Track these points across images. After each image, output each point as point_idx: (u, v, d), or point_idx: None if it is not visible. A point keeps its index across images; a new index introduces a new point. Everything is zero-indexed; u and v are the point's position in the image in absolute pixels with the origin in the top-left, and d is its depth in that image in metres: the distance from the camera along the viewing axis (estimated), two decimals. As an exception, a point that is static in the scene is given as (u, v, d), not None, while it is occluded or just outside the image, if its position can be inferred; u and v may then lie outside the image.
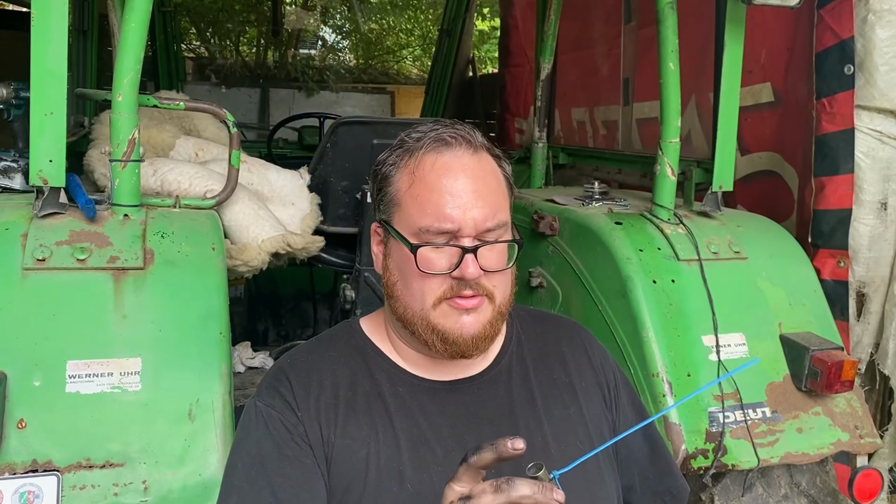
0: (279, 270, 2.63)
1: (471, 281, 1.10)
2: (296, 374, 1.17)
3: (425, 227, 1.10)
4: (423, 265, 1.10)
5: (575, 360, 1.28)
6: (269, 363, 2.77)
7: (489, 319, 1.13)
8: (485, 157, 1.16)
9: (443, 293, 1.11)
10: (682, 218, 2.29)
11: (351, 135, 2.71)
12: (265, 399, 1.16)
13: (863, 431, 2.05)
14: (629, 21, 3.59)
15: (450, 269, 1.10)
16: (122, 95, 1.80)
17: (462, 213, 1.10)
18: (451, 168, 1.12)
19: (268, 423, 1.13)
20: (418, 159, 1.14)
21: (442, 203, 1.10)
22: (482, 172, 1.14)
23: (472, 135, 1.16)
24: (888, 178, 2.40)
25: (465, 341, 1.11)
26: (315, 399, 1.14)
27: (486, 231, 1.11)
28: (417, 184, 1.12)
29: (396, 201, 1.15)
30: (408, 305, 1.14)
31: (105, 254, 1.72)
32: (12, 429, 1.49)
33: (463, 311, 1.11)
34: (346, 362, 1.20)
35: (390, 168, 1.17)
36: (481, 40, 9.51)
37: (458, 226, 1.09)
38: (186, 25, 8.20)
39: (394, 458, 1.11)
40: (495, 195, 1.15)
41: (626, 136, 3.64)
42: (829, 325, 2.21)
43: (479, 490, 0.86)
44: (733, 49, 2.26)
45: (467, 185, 1.11)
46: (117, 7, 2.24)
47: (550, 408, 1.21)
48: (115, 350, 1.61)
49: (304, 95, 6.70)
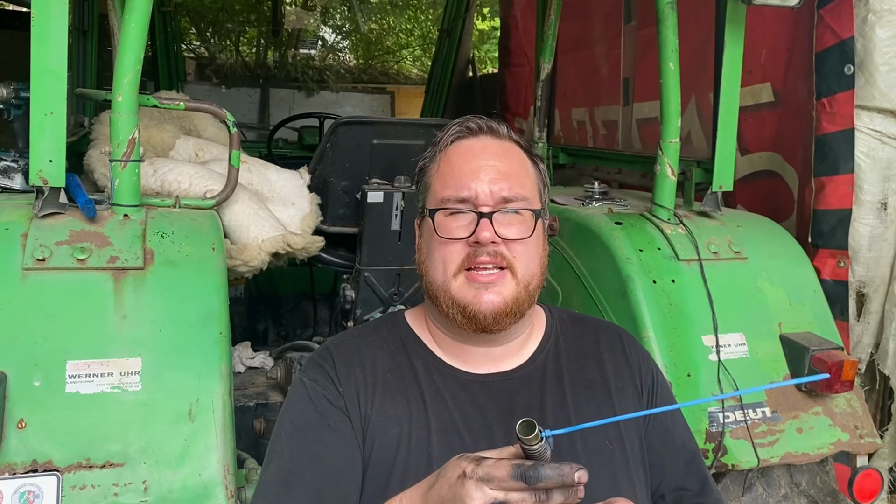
0: (279, 270, 2.63)
1: (487, 246, 1.13)
2: (339, 353, 1.23)
3: (446, 197, 1.17)
4: (441, 231, 1.16)
5: (612, 360, 1.29)
6: (269, 363, 2.77)
7: (512, 295, 1.15)
8: (510, 146, 1.22)
9: (462, 261, 1.14)
10: (682, 218, 2.29)
11: (351, 135, 2.70)
12: (309, 374, 1.22)
13: (863, 431, 2.05)
14: (629, 21, 3.59)
15: (467, 234, 1.14)
16: (122, 95, 1.80)
17: (478, 182, 1.15)
18: (472, 149, 1.20)
19: (311, 395, 1.18)
20: (446, 145, 1.22)
21: (461, 175, 1.17)
22: (505, 154, 1.20)
23: (498, 126, 1.23)
24: (888, 178, 2.40)
25: (484, 316, 1.13)
26: (356, 377, 1.19)
27: (503, 200, 1.15)
28: (443, 165, 1.20)
29: (427, 186, 1.23)
30: (432, 278, 1.19)
31: (105, 254, 1.72)
32: (12, 429, 1.49)
33: (482, 286, 1.14)
34: (388, 347, 1.25)
35: (425, 161, 1.25)
36: (481, 40, 9.51)
37: (475, 193, 1.15)
38: (186, 25, 8.20)
39: (424, 440, 1.15)
40: (518, 174, 1.19)
41: (626, 136, 3.64)
42: (829, 325, 2.21)
43: (519, 499, 0.86)
44: (733, 49, 2.26)
45: (488, 161, 1.17)
46: (117, 7, 2.24)
47: (581, 407, 1.21)
48: (115, 350, 1.61)
49: (304, 95, 6.70)
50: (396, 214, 2.62)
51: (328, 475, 1.12)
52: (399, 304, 2.71)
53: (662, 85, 2.28)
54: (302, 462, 1.14)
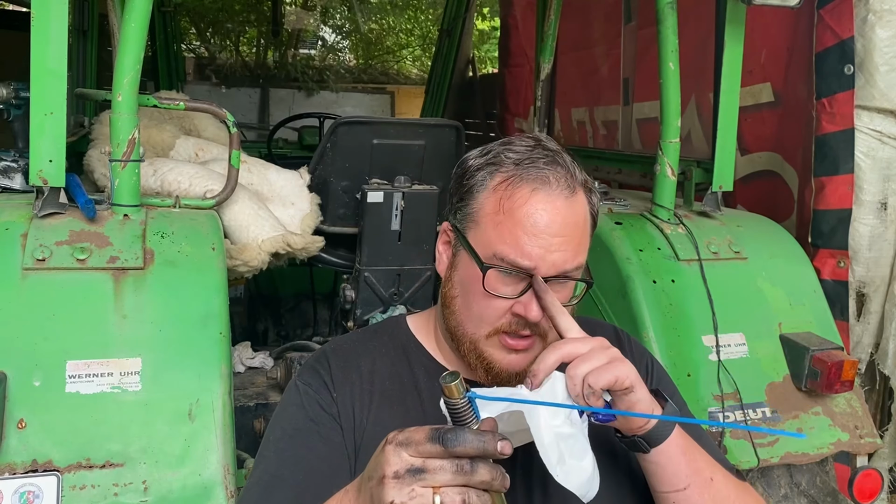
0: (279, 270, 2.63)
1: (532, 322, 1.08)
2: (337, 358, 1.21)
3: (501, 254, 1.07)
4: (489, 286, 1.08)
5: None
6: (269, 363, 2.76)
7: (537, 354, 1.10)
8: (579, 199, 1.12)
9: (500, 326, 1.10)
10: (682, 218, 2.29)
11: (351, 135, 2.70)
12: (304, 378, 1.19)
13: (863, 431, 2.05)
14: (629, 21, 3.59)
15: (515, 294, 1.08)
16: (122, 95, 1.80)
17: (542, 253, 1.07)
18: (543, 210, 1.07)
19: (304, 401, 1.16)
20: (511, 188, 1.09)
21: (525, 241, 1.07)
22: (573, 217, 1.10)
23: (572, 173, 1.11)
24: (888, 178, 2.41)
25: (508, 376, 1.11)
26: (352, 384, 1.17)
27: (562, 273, 1.09)
28: (504, 214, 1.08)
29: (476, 219, 1.12)
30: (462, 325, 1.13)
31: (105, 254, 1.71)
32: (12, 429, 1.49)
33: (512, 351, 1.11)
34: (388, 353, 1.23)
35: (478, 181, 1.13)
36: (481, 40, 9.51)
37: (535, 264, 1.07)
38: (186, 25, 8.21)
39: None
40: (580, 239, 1.12)
41: (626, 136, 3.65)
42: (829, 325, 2.21)
43: (437, 467, 0.80)
44: (733, 49, 2.26)
45: (555, 230, 1.07)
46: (117, 7, 2.24)
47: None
48: (115, 350, 1.61)
49: (304, 95, 6.71)
50: (396, 214, 2.62)
51: (311, 482, 1.09)
52: (399, 304, 2.71)
53: (662, 85, 2.28)
54: (286, 467, 1.12)
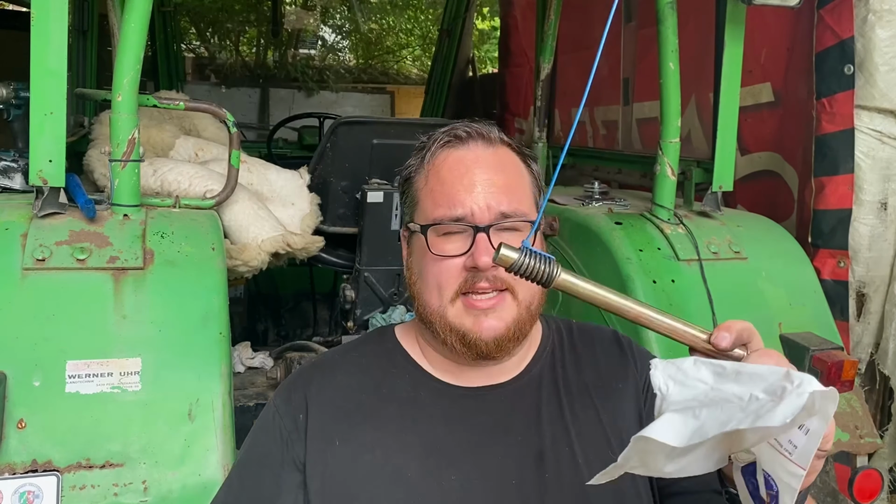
0: (279, 270, 2.63)
1: (486, 272, 1.05)
2: (315, 376, 1.17)
3: (438, 217, 1.08)
4: (435, 248, 1.07)
5: (609, 363, 1.21)
6: (269, 363, 2.76)
7: (514, 318, 1.08)
8: (504, 151, 1.14)
9: (459, 286, 1.07)
10: (682, 218, 2.29)
11: (351, 135, 2.71)
12: (277, 399, 1.17)
13: (863, 431, 2.05)
14: (629, 21, 3.59)
15: (463, 251, 1.06)
16: (122, 95, 1.80)
17: (473, 198, 1.07)
18: (463, 160, 1.11)
19: (270, 425, 1.14)
20: (433, 156, 1.13)
21: (454, 192, 1.08)
22: (498, 163, 1.11)
23: (488, 130, 1.14)
24: (888, 178, 2.40)
25: (486, 343, 1.07)
26: (325, 403, 1.13)
27: (501, 216, 1.07)
28: (432, 179, 1.12)
29: (416, 201, 1.14)
30: (427, 303, 1.11)
31: (105, 254, 1.71)
32: (12, 429, 1.49)
33: (481, 312, 1.07)
34: (371, 364, 1.18)
35: (413, 171, 1.16)
36: (481, 40, 9.51)
37: (470, 210, 1.07)
38: (186, 25, 8.21)
39: (401, 465, 1.08)
40: (515, 186, 1.11)
41: (626, 136, 3.64)
42: (829, 325, 2.20)
43: None
44: (733, 49, 2.26)
45: (481, 174, 1.09)
46: (117, 7, 2.24)
47: (578, 414, 1.14)
48: (115, 350, 1.61)
49: (304, 95, 6.71)
50: (396, 214, 2.62)
51: None
52: (399, 304, 2.71)
53: (662, 85, 2.28)
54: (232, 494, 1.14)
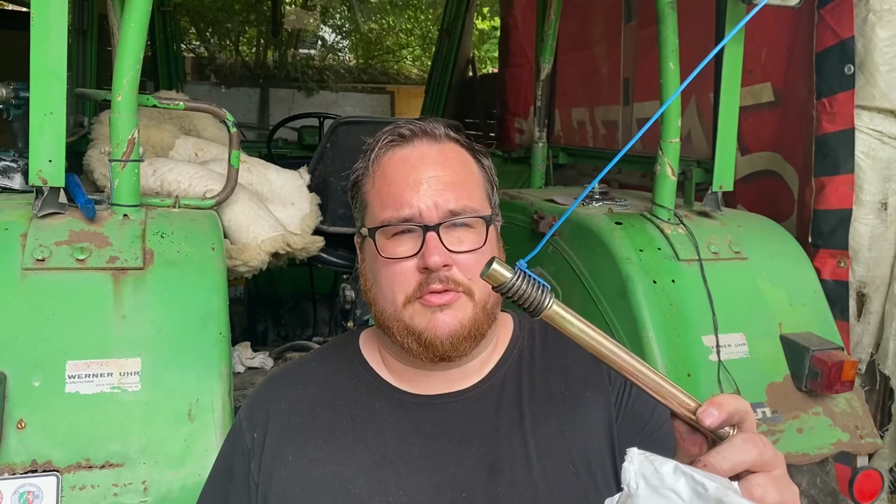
0: (279, 270, 2.63)
1: (438, 272, 1.01)
2: (272, 388, 1.16)
3: (386, 219, 1.05)
4: (385, 251, 1.04)
5: (581, 368, 1.13)
6: (269, 363, 2.76)
7: (469, 316, 1.03)
8: (451, 147, 1.10)
9: (412, 291, 1.03)
10: (682, 218, 2.29)
11: (351, 135, 2.70)
12: (242, 412, 1.17)
13: (863, 432, 2.05)
14: (629, 21, 3.59)
15: (414, 252, 1.02)
16: (122, 95, 1.80)
17: (420, 197, 1.03)
18: (408, 159, 1.07)
19: (235, 439, 1.16)
20: (378, 157, 1.10)
21: (400, 192, 1.04)
22: (445, 160, 1.07)
23: (433, 126, 1.10)
24: (888, 178, 2.40)
25: (441, 341, 1.02)
26: (286, 414, 1.11)
27: (450, 214, 1.03)
28: (378, 180, 1.09)
29: (364, 204, 1.11)
30: (382, 308, 1.07)
31: (104, 254, 1.71)
32: (12, 429, 1.49)
33: (436, 308, 1.02)
34: (329, 374, 1.15)
35: (358, 174, 1.13)
36: (481, 40, 9.51)
37: (417, 210, 1.03)
38: (186, 25, 8.22)
39: (349, 479, 1.04)
40: (463, 182, 1.07)
41: (626, 136, 3.64)
42: (830, 325, 2.20)
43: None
44: (733, 49, 2.26)
45: (426, 172, 1.05)
46: (117, 7, 2.23)
47: (540, 425, 1.07)
48: (115, 350, 1.61)
49: (304, 95, 6.72)
50: (396, 214, 2.62)
51: None
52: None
53: (662, 85, 2.28)
54: None
